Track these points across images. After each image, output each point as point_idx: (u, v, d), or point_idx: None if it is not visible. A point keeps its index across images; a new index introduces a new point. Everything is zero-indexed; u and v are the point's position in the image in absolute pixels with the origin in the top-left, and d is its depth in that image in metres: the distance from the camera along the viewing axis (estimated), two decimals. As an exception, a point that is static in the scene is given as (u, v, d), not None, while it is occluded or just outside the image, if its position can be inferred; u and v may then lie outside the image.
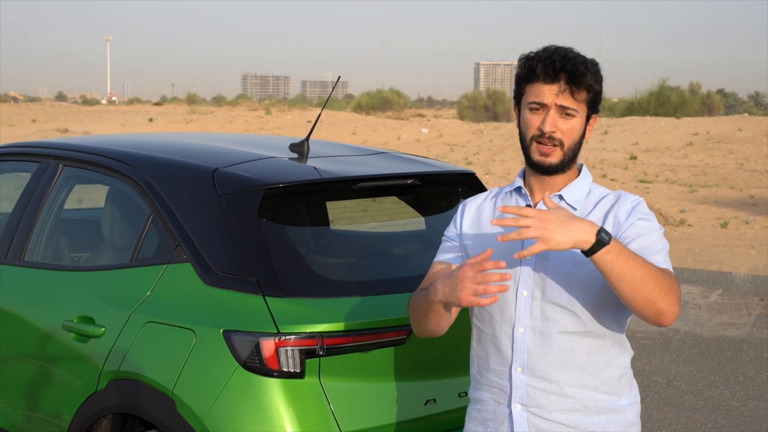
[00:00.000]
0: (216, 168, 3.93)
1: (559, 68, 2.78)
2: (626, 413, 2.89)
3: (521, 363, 2.85)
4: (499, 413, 2.91)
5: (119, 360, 3.78)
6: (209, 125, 48.83)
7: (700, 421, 6.56)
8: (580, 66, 2.79)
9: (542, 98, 2.80)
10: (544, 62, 2.80)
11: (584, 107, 2.83)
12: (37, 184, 4.59)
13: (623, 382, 2.91)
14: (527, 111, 2.84)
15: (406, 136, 42.42)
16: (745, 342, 8.67)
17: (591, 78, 2.80)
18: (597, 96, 2.85)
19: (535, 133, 2.82)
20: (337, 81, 4.85)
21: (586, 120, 2.86)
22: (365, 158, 4.46)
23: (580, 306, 2.80)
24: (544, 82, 2.80)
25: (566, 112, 2.80)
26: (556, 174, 2.86)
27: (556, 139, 2.80)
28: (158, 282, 3.82)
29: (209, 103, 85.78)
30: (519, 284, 2.86)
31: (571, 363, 2.83)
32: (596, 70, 2.83)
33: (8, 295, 4.45)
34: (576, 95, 2.80)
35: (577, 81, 2.78)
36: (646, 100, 55.52)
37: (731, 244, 14.65)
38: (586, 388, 2.83)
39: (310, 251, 4.00)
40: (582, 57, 2.83)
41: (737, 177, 25.51)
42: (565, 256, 2.80)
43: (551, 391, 2.83)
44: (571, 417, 2.83)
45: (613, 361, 2.88)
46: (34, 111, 61.51)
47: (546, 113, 2.80)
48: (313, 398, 3.44)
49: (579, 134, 2.84)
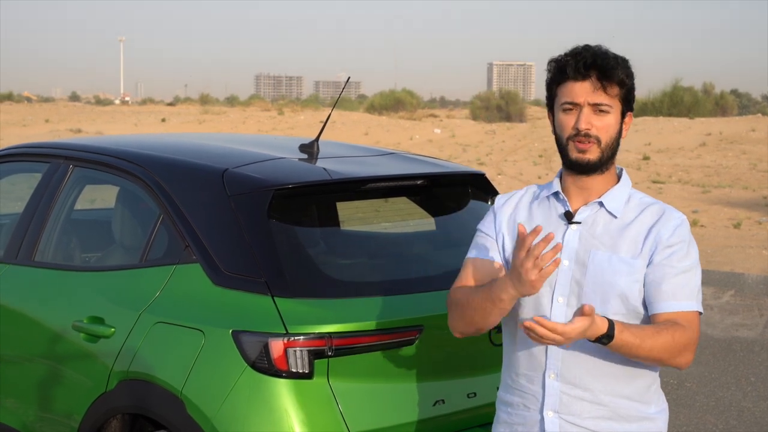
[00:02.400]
0: (225, 169, 3.94)
1: (590, 64, 2.77)
2: (656, 421, 2.89)
3: (555, 370, 2.83)
4: (529, 418, 2.89)
5: (129, 360, 3.79)
6: (222, 126, 48.92)
7: (712, 422, 6.54)
8: (610, 61, 2.78)
9: (574, 97, 2.79)
10: (575, 59, 2.79)
11: (618, 103, 2.81)
12: (47, 185, 4.60)
13: (652, 390, 2.91)
14: (561, 112, 2.82)
15: (418, 136, 42.42)
16: (757, 343, 8.64)
17: (622, 72, 2.79)
18: (630, 92, 2.84)
19: (571, 133, 2.80)
20: (347, 81, 4.86)
21: (621, 117, 2.84)
22: (375, 159, 4.46)
23: (614, 315, 2.77)
24: (575, 80, 2.78)
25: (600, 109, 2.78)
26: (594, 173, 2.83)
27: (593, 136, 2.78)
28: (168, 282, 3.83)
29: (222, 104, 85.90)
30: (555, 290, 2.83)
31: (605, 371, 2.81)
32: (627, 65, 2.83)
33: (19, 295, 4.47)
34: (608, 90, 2.78)
35: (609, 75, 2.77)
36: (659, 100, 55.43)
37: (744, 245, 14.60)
38: (619, 397, 2.83)
39: (319, 252, 4.00)
40: (612, 53, 2.82)
41: (750, 177, 25.43)
42: (603, 266, 2.79)
43: (585, 398, 2.82)
44: (603, 424, 2.82)
45: (644, 370, 2.87)
46: (47, 111, 61.74)
47: (579, 112, 2.79)
48: (322, 399, 3.44)
49: (615, 131, 2.82)
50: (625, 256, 2.78)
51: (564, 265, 2.81)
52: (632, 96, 2.86)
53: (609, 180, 2.87)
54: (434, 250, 4.42)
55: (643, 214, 2.84)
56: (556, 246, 2.60)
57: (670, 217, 2.82)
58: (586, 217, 2.85)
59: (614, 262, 2.78)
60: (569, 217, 2.86)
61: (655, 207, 2.86)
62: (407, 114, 61.74)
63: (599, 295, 2.78)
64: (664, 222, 2.81)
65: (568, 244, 2.83)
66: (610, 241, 2.81)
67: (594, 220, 2.84)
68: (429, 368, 3.68)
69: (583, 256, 2.81)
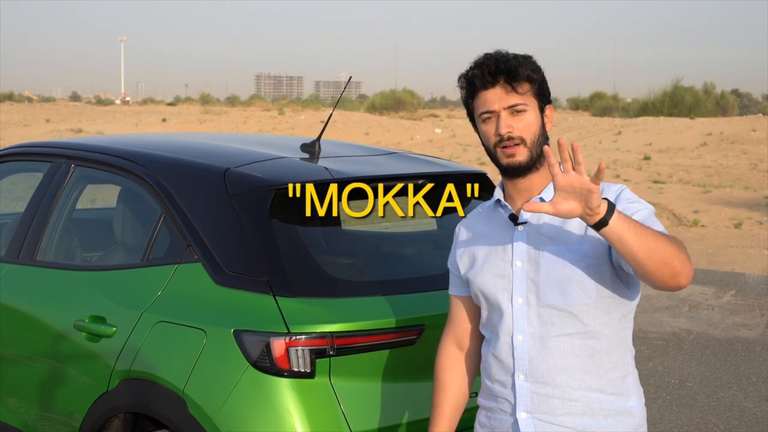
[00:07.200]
0: (227, 168, 3.94)
1: (494, 70, 2.82)
2: (634, 414, 2.88)
3: (523, 370, 2.85)
4: (505, 422, 2.92)
5: (130, 359, 3.79)
6: (222, 125, 48.95)
7: (713, 422, 6.54)
8: (512, 62, 2.83)
9: (489, 105, 2.84)
10: (480, 70, 2.84)
11: (532, 99, 2.84)
12: (49, 184, 4.60)
13: (629, 381, 2.89)
14: (481, 123, 2.88)
15: (419, 136, 42.42)
16: (758, 343, 8.64)
17: (527, 69, 2.83)
18: (541, 86, 2.87)
19: (495, 140, 2.84)
20: (348, 81, 4.85)
21: (540, 112, 2.86)
22: (376, 158, 4.46)
23: (577, 306, 2.79)
24: (485, 88, 2.84)
25: (516, 110, 2.82)
26: (529, 173, 2.86)
27: (516, 138, 2.81)
28: (169, 282, 3.83)
29: (223, 104, 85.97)
30: (513, 292, 2.87)
31: (574, 366, 2.82)
32: (530, 61, 2.87)
33: (20, 295, 4.47)
34: (519, 89, 2.82)
35: (515, 75, 2.81)
36: (659, 100, 55.46)
37: (745, 245, 14.60)
38: (590, 391, 2.82)
39: (321, 251, 3.99)
40: (512, 54, 2.87)
41: (751, 177, 25.41)
42: (555, 259, 2.81)
43: (555, 395, 2.82)
44: (578, 420, 2.82)
45: (617, 361, 2.86)
46: (48, 111, 61.79)
47: (498, 118, 2.83)
48: (324, 398, 3.44)
49: (537, 127, 2.84)
50: (573, 245, 2.80)
51: (517, 266, 2.86)
52: (545, 89, 2.89)
53: (546, 176, 2.89)
54: (436, 249, 4.41)
55: None
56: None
57: (608, 191, 2.82)
58: (530, 216, 2.88)
59: (563, 252, 2.80)
60: (514, 219, 2.90)
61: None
62: (408, 114, 61.78)
63: (557, 288, 2.80)
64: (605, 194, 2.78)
65: (518, 246, 2.87)
66: (556, 234, 2.83)
67: (538, 217, 2.87)
68: (431, 368, 3.67)
69: (534, 255, 2.84)
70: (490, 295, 2.92)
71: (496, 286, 2.90)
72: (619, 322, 2.85)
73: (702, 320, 9.43)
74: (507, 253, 2.89)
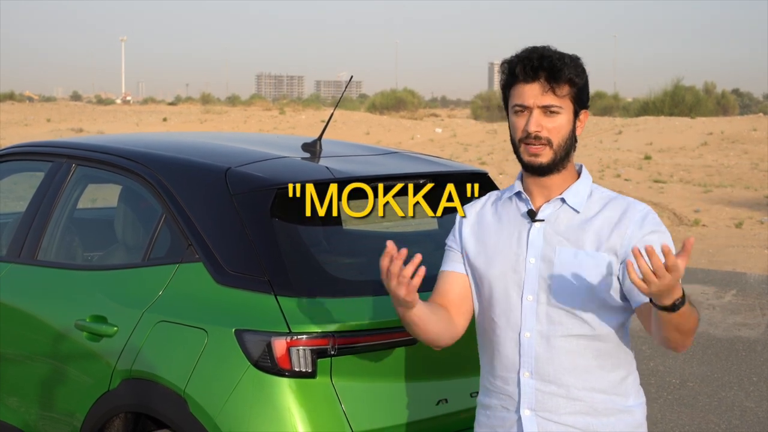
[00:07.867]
0: (228, 167, 3.94)
1: (537, 66, 2.77)
2: (634, 413, 2.89)
3: (529, 368, 2.85)
4: (508, 419, 2.91)
5: (131, 359, 3.79)
6: (223, 125, 48.94)
7: (714, 422, 6.54)
8: (557, 62, 2.77)
9: (524, 100, 2.79)
10: (522, 62, 2.79)
11: (569, 103, 2.81)
12: (50, 184, 4.60)
13: (629, 381, 2.91)
14: (512, 114, 2.84)
15: (419, 136, 42.42)
16: (759, 343, 8.63)
17: (570, 72, 2.78)
18: (581, 91, 2.83)
19: (522, 135, 2.81)
20: (350, 80, 4.85)
21: (574, 116, 2.83)
22: (377, 158, 4.45)
23: (585, 310, 2.80)
24: (525, 82, 2.79)
25: (550, 111, 2.78)
26: (549, 174, 2.84)
27: (543, 138, 2.78)
28: (170, 281, 3.83)
29: (223, 103, 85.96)
30: (524, 289, 2.85)
31: (579, 366, 2.82)
32: (576, 64, 2.82)
33: (21, 295, 4.47)
34: (558, 91, 2.78)
35: (557, 77, 2.77)
36: (660, 99, 55.42)
37: (746, 245, 14.59)
38: (594, 391, 2.83)
39: (322, 251, 3.99)
40: (560, 53, 2.82)
41: (752, 177, 25.41)
42: (570, 261, 2.80)
43: (560, 394, 2.83)
44: (581, 419, 2.83)
45: (619, 362, 2.88)
46: (49, 111, 61.78)
47: (529, 114, 2.79)
48: (325, 398, 3.44)
49: (567, 131, 2.81)
50: (590, 250, 2.79)
51: (530, 263, 2.84)
52: (585, 94, 2.85)
53: (568, 177, 2.87)
54: (436, 249, 4.41)
55: (606, 208, 2.84)
56: (415, 258, 2.63)
57: (634, 211, 2.81)
58: (548, 215, 2.86)
59: (580, 256, 2.79)
60: (532, 215, 2.88)
61: (618, 201, 2.87)
62: (408, 113, 61.79)
63: (567, 290, 2.80)
64: (630, 217, 2.79)
65: (533, 242, 2.85)
66: (574, 237, 2.82)
67: (557, 216, 2.86)
68: (432, 367, 3.68)
69: (549, 253, 2.83)
70: (499, 287, 2.89)
71: (507, 280, 2.88)
72: (621, 326, 2.87)
73: (703, 320, 9.42)
74: (521, 248, 2.86)
